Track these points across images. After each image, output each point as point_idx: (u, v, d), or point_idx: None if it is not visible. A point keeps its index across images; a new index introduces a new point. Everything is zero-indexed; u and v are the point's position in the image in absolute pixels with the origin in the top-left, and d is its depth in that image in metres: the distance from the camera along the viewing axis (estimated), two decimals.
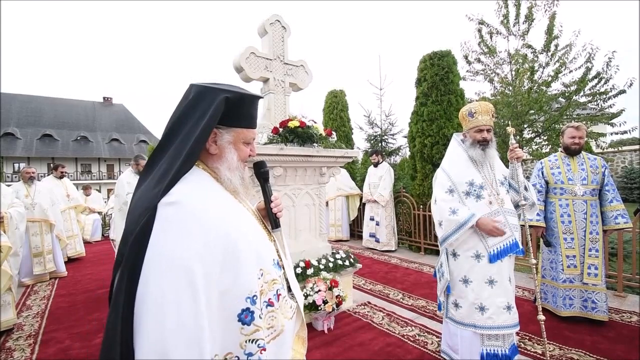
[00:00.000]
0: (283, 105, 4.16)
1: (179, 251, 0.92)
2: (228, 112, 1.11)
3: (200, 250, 0.95)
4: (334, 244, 7.43)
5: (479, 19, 8.78)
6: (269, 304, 1.09)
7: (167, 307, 0.87)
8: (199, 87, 1.13)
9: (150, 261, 0.91)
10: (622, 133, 8.09)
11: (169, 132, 1.10)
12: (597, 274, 3.42)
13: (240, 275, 1.02)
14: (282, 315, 1.14)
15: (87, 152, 37.32)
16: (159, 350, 0.85)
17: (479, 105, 2.63)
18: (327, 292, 3.44)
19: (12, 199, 4.21)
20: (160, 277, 0.89)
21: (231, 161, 1.16)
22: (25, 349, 3.33)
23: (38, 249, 5.55)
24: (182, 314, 0.88)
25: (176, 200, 0.98)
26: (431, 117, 6.57)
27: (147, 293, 0.88)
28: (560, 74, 7.97)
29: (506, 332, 2.50)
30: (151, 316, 0.87)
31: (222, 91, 1.10)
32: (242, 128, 1.18)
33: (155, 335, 0.86)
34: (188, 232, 0.96)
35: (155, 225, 0.94)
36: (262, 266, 1.11)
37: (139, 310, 0.88)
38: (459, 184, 2.65)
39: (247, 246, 1.07)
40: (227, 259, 1.00)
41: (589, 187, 3.48)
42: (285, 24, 4.15)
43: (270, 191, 1.37)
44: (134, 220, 0.98)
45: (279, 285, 1.16)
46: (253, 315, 1.02)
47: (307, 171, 3.98)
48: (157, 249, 0.92)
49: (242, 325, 1.00)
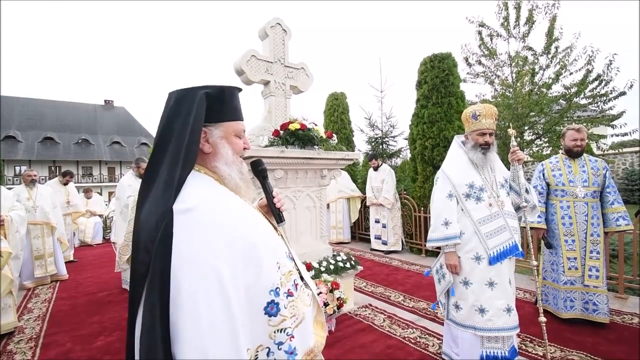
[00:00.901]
0: (284, 108, 4.17)
1: (204, 254, 0.96)
2: (212, 108, 1.14)
3: (224, 251, 0.99)
4: (335, 246, 7.43)
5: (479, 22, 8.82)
6: (288, 295, 1.12)
7: (201, 308, 0.90)
8: (178, 91, 1.16)
9: (178, 267, 0.93)
10: (623, 135, 8.11)
11: (160, 141, 1.12)
12: (598, 275, 3.42)
13: (262, 270, 1.06)
14: (301, 303, 1.18)
15: (88, 155, 37.42)
16: (198, 350, 0.88)
17: (484, 108, 2.62)
18: (328, 295, 3.44)
19: (12, 202, 4.22)
20: (191, 281, 0.92)
21: (227, 156, 1.18)
22: (26, 352, 3.33)
23: (39, 252, 5.55)
24: (216, 314, 0.92)
25: (192, 207, 1.01)
26: (432, 120, 6.58)
27: (180, 297, 0.91)
28: (560, 76, 7.99)
29: (506, 334, 2.50)
30: (188, 319, 0.89)
31: (201, 88, 1.13)
32: (229, 121, 1.20)
33: (193, 335, 0.89)
34: (209, 235, 0.99)
35: (175, 233, 0.96)
36: (278, 259, 1.14)
37: (175, 315, 0.91)
38: (459, 187, 2.65)
39: (263, 242, 1.11)
40: (248, 256, 1.03)
41: (590, 189, 3.48)
42: (286, 27, 4.17)
43: (271, 187, 1.39)
44: (151, 227, 0.98)
45: (295, 275, 1.20)
46: (278, 307, 1.06)
47: (308, 173, 3.99)
48: (183, 254, 0.94)
49: (269, 317, 1.04)
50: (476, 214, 2.57)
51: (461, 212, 2.65)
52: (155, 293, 0.92)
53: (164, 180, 1.04)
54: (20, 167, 32.85)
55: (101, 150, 38.46)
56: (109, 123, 41.77)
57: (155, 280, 0.93)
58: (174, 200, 1.00)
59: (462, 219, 2.63)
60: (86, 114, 41.27)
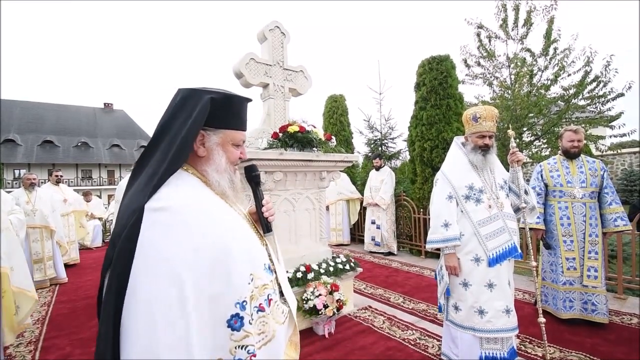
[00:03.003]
0: (283, 111, 4.18)
1: (166, 258, 0.92)
2: (215, 113, 1.11)
3: (189, 256, 0.95)
4: (335, 248, 7.43)
5: (477, 23, 8.86)
6: (259, 309, 1.08)
7: (156, 313, 0.87)
8: (186, 90, 1.14)
9: (138, 268, 0.90)
10: (621, 136, 8.14)
11: (157, 135, 1.11)
12: (597, 276, 3.43)
13: (230, 281, 1.01)
14: (273, 320, 1.13)
15: (87, 158, 37.38)
16: (148, 354, 0.86)
17: (484, 111, 2.61)
18: (328, 296, 3.44)
19: (12, 205, 4.22)
20: (149, 284, 0.89)
21: (219, 163, 1.16)
22: (26, 356, 3.32)
23: (38, 256, 5.55)
24: (171, 320, 0.88)
25: (164, 206, 0.98)
26: (430, 121, 6.59)
27: (135, 300, 0.88)
28: (559, 77, 8.02)
29: (505, 335, 2.51)
30: (140, 322, 0.87)
31: (208, 92, 1.11)
32: (230, 130, 1.18)
33: (144, 340, 0.86)
34: (177, 238, 0.96)
35: (142, 232, 0.93)
36: (253, 271, 1.10)
37: (127, 316, 0.88)
38: (459, 188, 2.66)
39: (237, 251, 1.06)
40: (216, 264, 0.99)
41: (588, 189, 3.49)
42: (285, 30, 4.19)
43: (262, 195, 1.36)
44: (122, 224, 0.97)
45: (270, 290, 1.14)
46: (243, 321, 1.01)
47: (307, 176, 3.99)
48: (145, 255, 0.91)
49: (232, 331, 0.99)
50: (476, 215, 2.58)
51: (461, 213, 2.66)
52: (112, 297, 0.91)
53: (148, 176, 1.04)
54: (19, 170, 32.81)
55: (101, 153, 38.43)
56: (108, 126, 41.75)
57: (113, 278, 0.92)
58: (150, 197, 0.98)
59: (461, 221, 2.64)
60: (86, 117, 41.26)
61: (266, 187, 3.57)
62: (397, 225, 7.39)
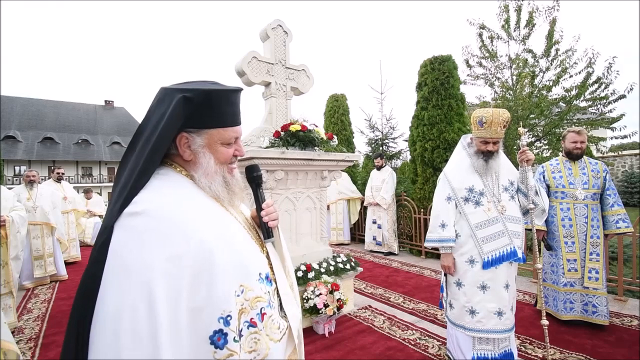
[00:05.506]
0: (284, 109, 4.18)
1: (138, 265, 0.85)
2: (195, 113, 1.01)
3: (164, 265, 0.86)
4: (335, 248, 7.43)
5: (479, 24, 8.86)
6: (251, 325, 0.98)
7: (121, 328, 0.81)
8: (162, 90, 1.05)
9: (107, 277, 0.85)
10: (623, 137, 8.14)
11: (132, 140, 1.04)
12: (597, 277, 3.42)
13: (213, 292, 0.91)
14: (267, 337, 1.02)
15: (88, 155, 37.38)
16: None
17: (492, 115, 2.47)
18: (328, 296, 3.44)
19: (13, 202, 4.22)
20: (118, 294, 0.83)
21: (207, 166, 1.06)
22: (25, 353, 3.32)
23: (39, 252, 5.55)
24: (138, 335, 0.81)
25: (139, 210, 0.91)
26: (432, 121, 6.59)
27: (103, 311, 0.83)
28: (561, 78, 8.02)
29: (495, 336, 2.50)
30: (107, 334, 0.81)
31: (180, 91, 1.00)
32: (215, 129, 1.06)
33: (110, 353, 0.81)
34: (150, 244, 0.87)
35: (113, 240, 0.88)
36: (244, 282, 0.99)
37: (93, 329, 0.83)
38: (459, 190, 2.66)
39: (225, 260, 0.96)
40: (198, 273, 0.90)
41: (590, 191, 3.49)
42: (287, 29, 4.18)
43: (263, 197, 1.26)
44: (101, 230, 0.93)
45: (264, 303, 1.04)
46: (226, 338, 0.91)
47: (309, 175, 3.99)
48: (115, 263, 0.86)
49: (215, 348, 0.90)
50: (473, 218, 2.58)
51: (459, 215, 2.66)
52: (78, 299, 0.87)
53: (121, 186, 0.97)
54: (19, 167, 32.82)
55: (101, 150, 38.43)
56: (109, 123, 41.75)
57: (83, 286, 0.88)
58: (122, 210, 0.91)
59: (459, 222, 2.65)
60: (86, 114, 41.25)
61: (267, 185, 3.57)
62: (398, 225, 7.40)
